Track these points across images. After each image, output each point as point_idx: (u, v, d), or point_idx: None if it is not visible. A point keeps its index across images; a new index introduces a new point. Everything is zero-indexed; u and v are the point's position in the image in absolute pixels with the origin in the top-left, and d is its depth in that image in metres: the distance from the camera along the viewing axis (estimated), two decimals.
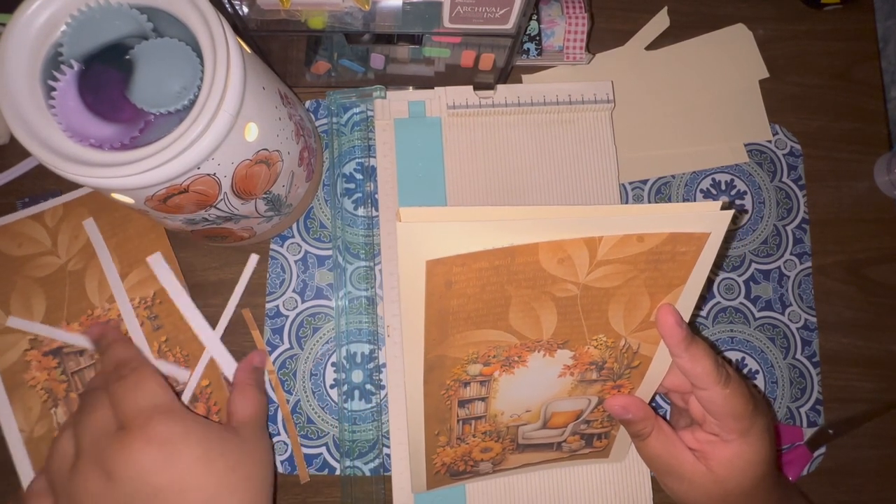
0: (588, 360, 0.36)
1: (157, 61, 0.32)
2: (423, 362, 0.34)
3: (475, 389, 0.37)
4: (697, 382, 0.34)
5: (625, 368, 0.37)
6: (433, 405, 0.37)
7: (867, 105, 0.54)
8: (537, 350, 0.35)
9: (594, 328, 0.34)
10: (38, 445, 0.43)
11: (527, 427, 0.40)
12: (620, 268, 0.31)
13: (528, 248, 0.29)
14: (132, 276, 0.46)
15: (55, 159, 0.30)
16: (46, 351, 0.45)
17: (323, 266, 0.48)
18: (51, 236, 0.46)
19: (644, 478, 0.45)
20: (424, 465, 0.40)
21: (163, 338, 0.45)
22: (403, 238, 0.28)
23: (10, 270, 0.46)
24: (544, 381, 0.37)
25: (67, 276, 0.46)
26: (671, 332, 0.33)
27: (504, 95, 0.48)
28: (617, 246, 0.30)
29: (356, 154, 0.49)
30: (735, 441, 0.35)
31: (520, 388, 0.37)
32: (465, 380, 0.36)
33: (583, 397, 0.38)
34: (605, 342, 0.35)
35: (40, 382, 0.44)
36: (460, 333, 0.33)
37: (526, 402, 0.38)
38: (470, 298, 0.31)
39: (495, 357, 0.35)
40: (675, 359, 0.34)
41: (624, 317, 0.34)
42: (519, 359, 0.35)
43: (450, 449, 0.40)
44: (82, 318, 0.45)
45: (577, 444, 0.42)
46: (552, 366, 0.36)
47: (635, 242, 0.30)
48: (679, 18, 0.54)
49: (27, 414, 0.44)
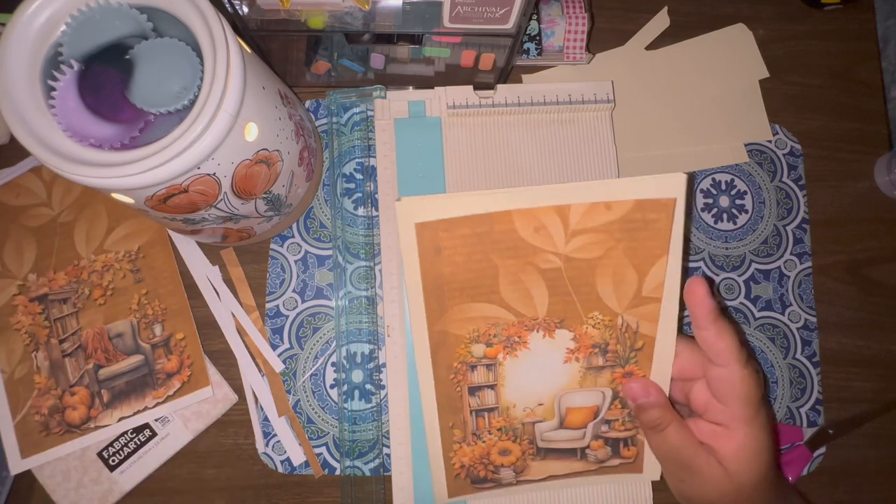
0: (589, 342, 0.36)
1: (157, 61, 0.32)
2: (428, 339, 0.36)
3: (483, 374, 0.38)
4: (718, 358, 0.33)
5: (629, 351, 0.37)
6: (444, 392, 0.38)
7: (867, 105, 0.54)
8: (536, 329, 0.36)
9: (587, 304, 0.35)
10: (17, 386, 0.45)
11: (543, 425, 0.40)
12: (596, 237, 0.33)
13: (503, 215, 0.32)
14: (119, 230, 0.48)
15: (55, 159, 0.30)
16: (33, 297, 0.46)
17: (323, 266, 0.48)
18: (46, 189, 0.48)
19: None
20: (443, 466, 0.40)
21: (143, 290, 0.46)
22: (400, 210, 0.32)
23: (6, 219, 0.48)
24: (551, 367, 0.37)
25: (58, 227, 0.48)
26: (701, 303, 0.33)
27: (504, 95, 0.48)
28: (587, 214, 0.32)
29: (356, 154, 0.49)
30: (740, 430, 0.34)
31: (527, 375, 0.38)
32: (472, 362, 0.37)
33: (595, 389, 0.38)
34: (601, 321, 0.36)
35: (25, 327, 0.46)
36: (457, 307, 0.35)
37: (536, 391, 0.38)
38: (459, 266, 0.34)
39: (496, 336, 0.36)
40: (699, 332, 0.34)
41: (614, 291, 0.35)
42: (520, 339, 0.36)
43: (467, 447, 0.40)
44: (69, 267, 0.47)
45: (604, 453, 0.41)
46: (555, 349, 0.37)
47: (604, 210, 0.32)
48: (679, 18, 0.54)
49: (10, 356, 0.46)
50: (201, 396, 0.45)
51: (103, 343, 0.45)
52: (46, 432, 0.44)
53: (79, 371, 0.45)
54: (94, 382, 0.45)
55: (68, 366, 0.45)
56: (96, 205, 0.48)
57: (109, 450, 0.44)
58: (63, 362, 0.45)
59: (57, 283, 0.46)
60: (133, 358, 0.45)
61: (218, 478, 0.46)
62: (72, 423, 0.44)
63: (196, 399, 0.45)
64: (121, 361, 0.45)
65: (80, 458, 0.44)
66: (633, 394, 0.37)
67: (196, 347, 0.46)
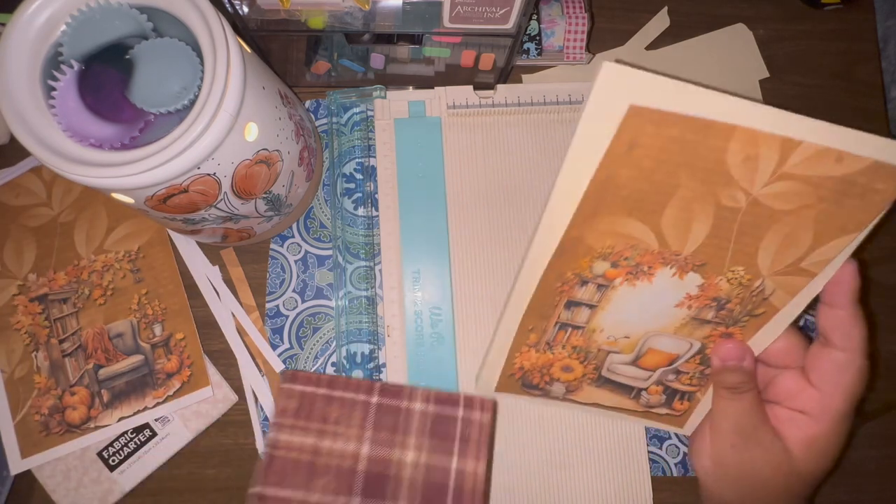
0: (714, 293, 0.33)
1: (157, 61, 0.32)
2: (559, 242, 0.31)
3: (590, 292, 0.34)
4: (844, 341, 0.31)
5: (745, 315, 0.34)
6: (542, 297, 0.34)
7: (867, 105, 0.54)
8: (670, 265, 0.32)
9: (738, 256, 0.31)
10: (17, 386, 0.45)
11: (617, 357, 0.37)
12: (802, 188, 0.28)
13: (724, 128, 0.27)
14: (119, 230, 0.48)
15: (55, 159, 0.30)
16: (33, 297, 0.46)
17: (323, 266, 0.48)
18: (46, 189, 0.49)
19: (644, 478, 0.45)
20: (504, 361, 0.38)
21: (143, 290, 0.46)
22: (606, 79, 0.25)
23: (6, 219, 0.48)
24: (660, 306, 0.34)
25: (58, 227, 0.48)
26: (849, 280, 0.31)
27: (504, 95, 0.48)
28: (812, 159, 0.27)
29: (356, 154, 0.49)
30: (826, 422, 0.32)
31: (633, 306, 0.35)
32: (587, 277, 0.33)
33: (686, 339, 0.36)
34: (740, 277, 0.32)
35: (25, 327, 0.46)
36: (610, 217, 0.30)
37: (631, 326, 0.36)
38: (642, 173, 0.28)
39: (627, 260, 0.32)
40: (834, 311, 0.31)
41: (776, 252, 0.31)
42: (648, 270, 0.33)
43: (534, 353, 0.38)
44: (69, 267, 0.47)
45: (657, 399, 0.39)
46: (676, 290, 0.33)
47: (833, 162, 0.27)
48: (679, 18, 0.54)
49: (10, 356, 0.45)
50: (201, 396, 0.45)
51: (103, 343, 0.45)
52: (46, 432, 0.44)
53: (79, 371, 0.45)
54: (94, 382, 0.45)
55: (68, 366, 0.45)
56: (96, 205, 0.48)
57: (109, 450, 0.44)
58: (63, 362, 0.45)
59: (57, 283, 0.46)
60: (133, 358, 0.45)
61: (218, 478, 0.46)
62: (72, 423, 0.44)
63: (196, 399, 0.45)
64: (121, 361, 0.45)
65: (80, 458, 0.44)
66: (728, 354, 0.34)
67: (196, 347, 0.46)
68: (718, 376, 0.35)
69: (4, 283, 0.47)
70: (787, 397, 0.34)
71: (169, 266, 0.47)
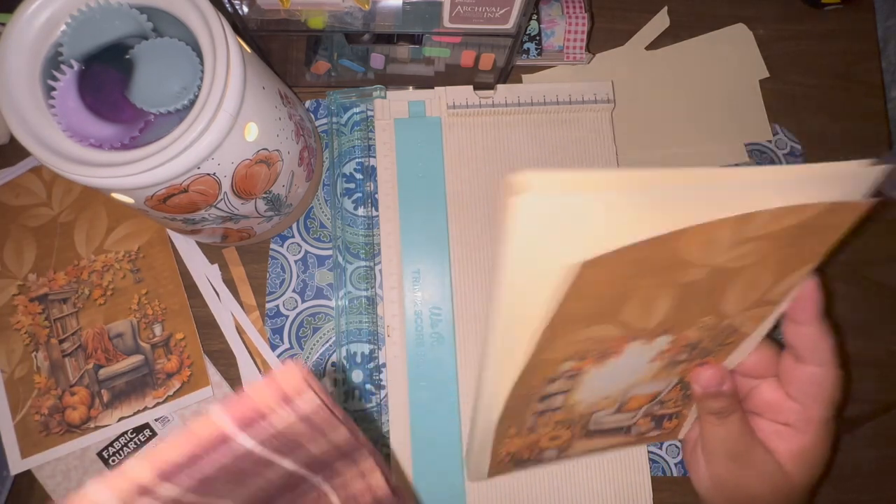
0: (685, 343, 0.32)
1: (157, 61, 0.32)
2: (519, 373, 0.29)
3: (560, 384, 0.33)
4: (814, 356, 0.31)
5: (716, 347, 0.33)
6: (512, 406, 0.33)
7: (868, 105, 0.54)
8: (637, 339, 0.30)
9: (704, 311, 0.30)
10: (17, 386, 0.45)
11: (601, 413, 0.37)
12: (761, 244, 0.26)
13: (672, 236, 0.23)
14: (119, 230, 0.48)
15: (55, 159, 0.30)
16: (33, 297, 0.46)
17: (323, 266, 0.48)
18: (46, 189, 0.49)
19: (644, 478, 0.45)
20: (489, 457, 0.38)
21: (143, 290, 0.46)
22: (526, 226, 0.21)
23: (6, 219, 0.48)
24: (633, 367, 0.33)
25: (58, 227, 0.48)
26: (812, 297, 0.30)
27: (504, 95, 0.48)
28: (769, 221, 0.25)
29: (356, 154, 0.49)
30: (810, 433, 0.32)
31: (607, 379, 0.34)
32: (555, 376, 0.32)
33: (664, 379, 0.35)
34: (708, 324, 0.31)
35: (25, 327, 0.46)
36: (570, 336, 0.28)
37: (608, 390, 0.35)
38: (594, 299, 0.25)
39: (593, 351, 0.30)
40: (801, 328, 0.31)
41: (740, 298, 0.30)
42: (616, 350, 0.31)
43: (518, 439, 0.38)
44: (69, 267, 0.47)
45: (647, 427, 0.39)
46: (647, 352, 0.32)
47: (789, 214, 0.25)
48: (679, 18, 0.54)
49: (10, 356, 0.46)
50: (201, 396, 0.45)
51: (103, 343, 0.45)
52: (46, 432, 0.44)
53: (79, 371, 0.45)
54: (94, 382, 0.45)
55: (68, 366, 0.45)
56: (96, 205, 0.48)
57: (109, 450, 0.44)
58: (63, 362, 0.45)
59: (57, 283, 0.46)
60: (133, 358, 0.45)
61: None
62: (72, 423, 0.44)
63: (196, 399, 0.45)
64: (121, 361, 0.45)
65: (80, 458, 0.44)
66: (706, 382, 0.34)
67: (196, 347, 0.46)
68: (702, 403, 0.35)
69: (4, 283, 0.47)
70: (769, 410, 0.34)
71: (169, 266, 0.47)
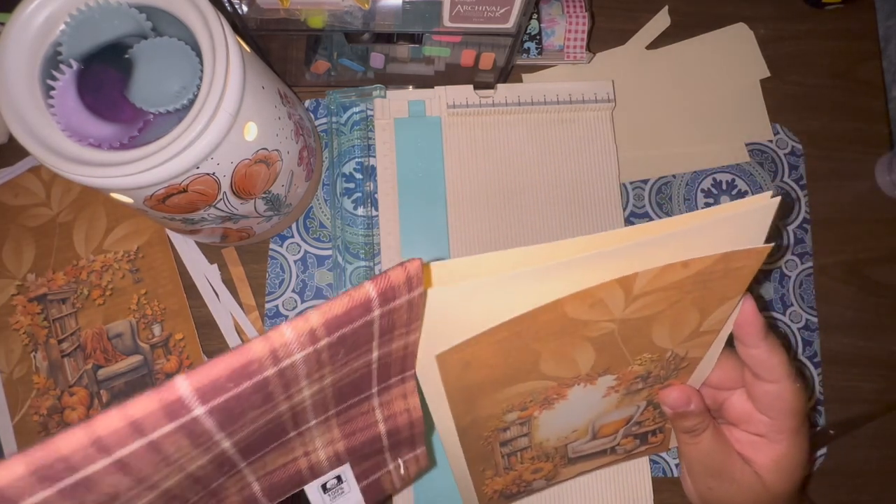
0: (632, 376, 0.33)
1: (157, 61, 0.32)
2: (456, 431, 0.32)
3: (515, 430, 0.35)
4: (768, 374, 0.32)
5: (672, 372, 0.34)
6: (474, 451, 0.35)
7: (868, 105, 0.54)
8: (576, 384, 0.32)
9: (637, 350, 0.31)
10: (16, 387, 0.45)
11: (576, 443, 0.38)
12: (663, 295, 0.27)
13: (550, 306, 0.25)
14: (118, 230, 0.48)
15: (54, 159, 0.30)
16: (32, 297, 0.46)
17: (322, 266, 0.48)
18: (45, 188, 0.48)
19: (644, 478, 0.45)
20: (476, 496, 0.40)
21: (142, 290, 0.46)
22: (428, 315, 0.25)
23: (5, 219, 0.48)
24: (588, 404, 0.35)
25: (57, 227, 0.48)
26: (752, 322, 0.31)
27: (504, 95, 0.48)
28: (658, 277, 0.26)
29: (356, 153, 0.49)
30: (784, 441, 0.33)
31: (563, 418, 0.35)
32: (504, 427, 0.34)
33: (631, 406, 0.36)
34: (649, 358, 0.32)
35: (24, 327, 0.46)
36: (490, 397, 0.31)
37: (572, 426, 0.36)
38: (494, 368, 0.28)
39: (532, 401, 0.32)
40: (750, 350, 0.32)
41: (670, 334, 0.31)
42: (558, 396, 0.33)
43: (499, 479, 0.39)
44: (68, 267, 0.47)
45: (632, 445, 0.40)
46: (595, 392, 0.34)
47: (680, 269, 0.26)
48: (680, 18, 0.54)
49: (8, 356, 0.46)
50: None
51: (102, 343, 0.45)
52: (45, 433, 0.44)
53: (78, 371, 0.45)
54: (94, 383, 0.45)
55: (67, 366, 0.45)
56: (95, 205, 0.48)
57: None
58: (62, 362, 0.45)
59: (56, 283, 0.46)
60: (132, 358, 0.45)
61: None
62: (71, 423, 0.44)
63: None
64: (120, 362, 0.45)
65: None
66: (672, 403, 0.35)
67: (195, 348, 0.45)
68: (674, 422, 0.36)
69: (3, 283, 0.47)
70: (742, 421, 0.34)
71: (168, 266, 0.47)
